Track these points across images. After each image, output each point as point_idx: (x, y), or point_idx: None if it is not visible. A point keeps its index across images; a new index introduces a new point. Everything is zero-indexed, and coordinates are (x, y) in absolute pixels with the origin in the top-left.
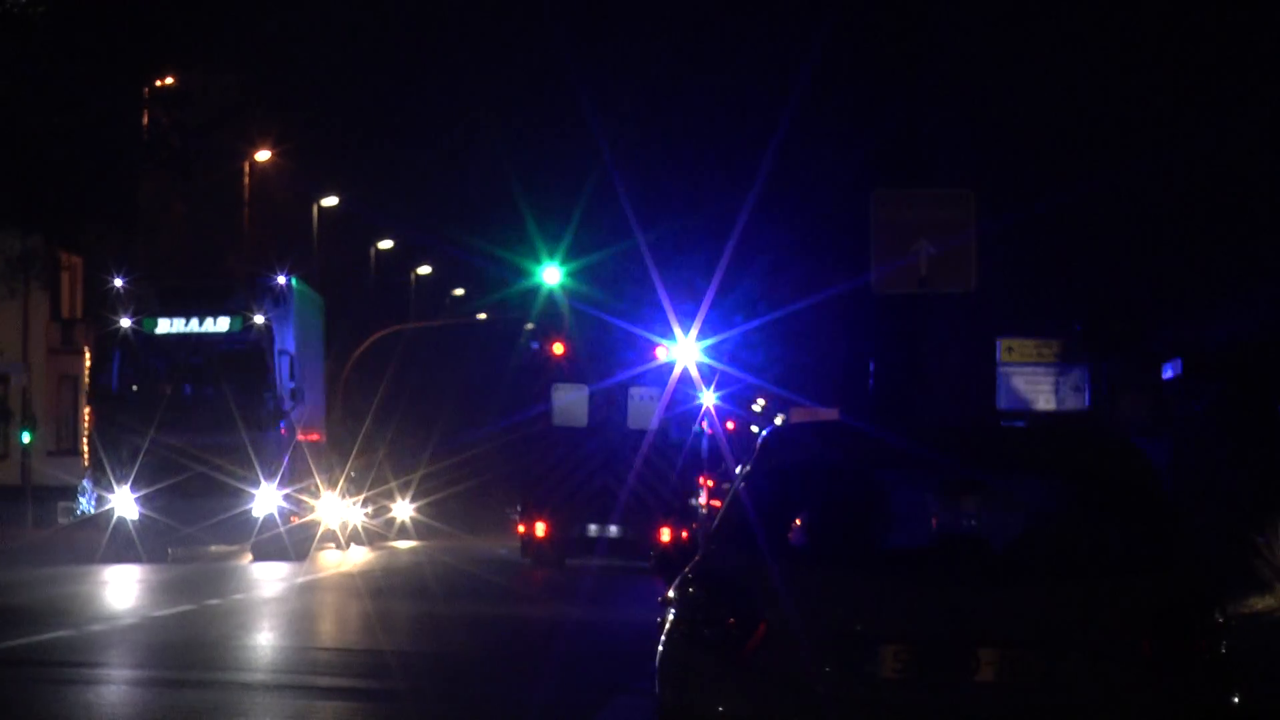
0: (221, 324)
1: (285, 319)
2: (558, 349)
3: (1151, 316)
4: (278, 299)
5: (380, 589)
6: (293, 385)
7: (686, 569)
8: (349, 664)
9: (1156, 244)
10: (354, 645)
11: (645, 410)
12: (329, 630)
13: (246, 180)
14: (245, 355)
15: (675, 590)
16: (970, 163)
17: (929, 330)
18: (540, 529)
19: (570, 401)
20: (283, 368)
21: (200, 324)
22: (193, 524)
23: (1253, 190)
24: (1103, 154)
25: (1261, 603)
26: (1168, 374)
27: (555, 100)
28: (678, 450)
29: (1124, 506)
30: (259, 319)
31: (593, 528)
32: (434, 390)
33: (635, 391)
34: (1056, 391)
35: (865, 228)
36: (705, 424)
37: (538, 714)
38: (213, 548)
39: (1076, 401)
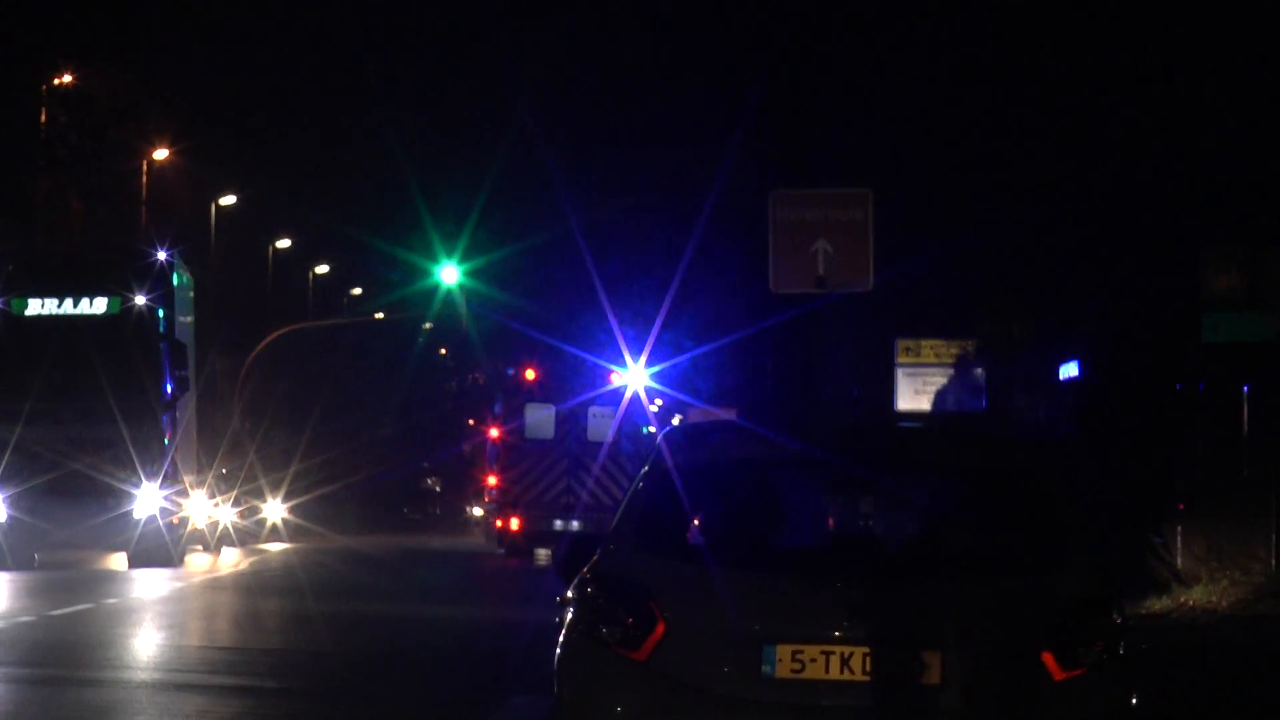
0: (99, 305)
1: (169, 300)
2: (529, 375)
3: (1049, 318)
4: (160, 278)
5: (264, 590)
6: (178, 373)
7: (585, 569)
8: (238, 663)
9: (1052, 245)
10: (243, 644)
11: (602, 425)
12: (218, 629)
13: (144, 179)
14: (125, 340)
15: (574, 590)
16: (868, 163)
17: (827, 331)
18: (514, 524)
19: (540, 418)
20: (167, 353)
21: (75, 305)
22: (66, 526)
23: (1153, 193)
24: (1003, 153)
25: (1159, 603)
26: (1065, 375)
27: (460, 104)
28: (631, 459)
29: (1021, 507)
30: (139, 299)
31: (558, 523)
32: (324, 389)
33: (594, 410)
34: (954, 392)
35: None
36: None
37: (431, 713)
38: (85, 552)
39: (974, 402)
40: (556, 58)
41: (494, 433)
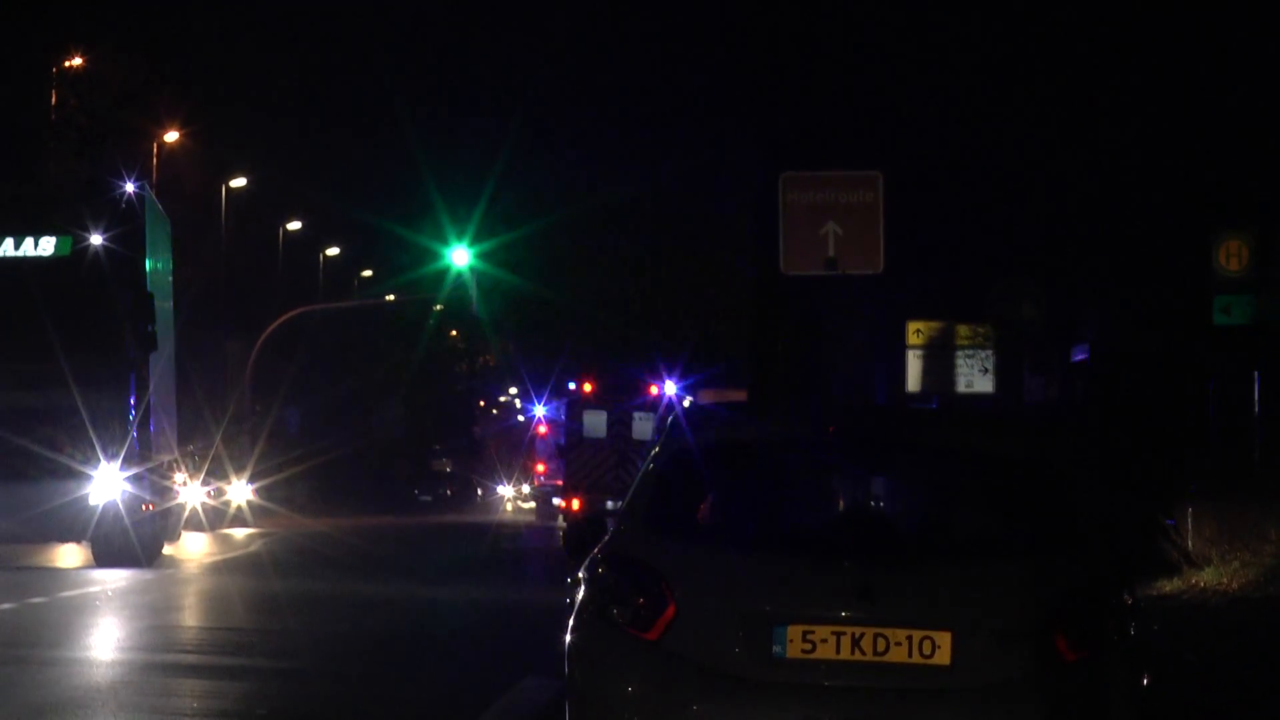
0: (45, 245)
1: (135, 241)
2: (587, 387)
3: (1060, 300)
4: (124, 214)
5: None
6: (143, 329)
7: (596, 550)
8: (246, 644)
9: (1064, 226)
10: (251, 625)
11: (645, 427)
12: (229, 611)
13: (154, 160)
14: (79, 288)
15: (585, 571)
16: (877, 144)
17: (837, 312)
18: (576, 504)
19: (595, 421)
20: (131, 305)
21: (17, 245)
22: (9, 515)
23: (1164, 174)
24: (1014, 135)
25: (1170, 585)
26: (1077, 358)
27: (471, 83)
28: None
29: (1031, 488)
30: (96, 239)
31: (610, 503)
32: (334, 371)
33: (638, 415)
34: (964, 374)
35: None
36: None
37: (444, 694)
38: (35, 547)
39: (984, 384)
40: (564, 41)
41: (542, 429)
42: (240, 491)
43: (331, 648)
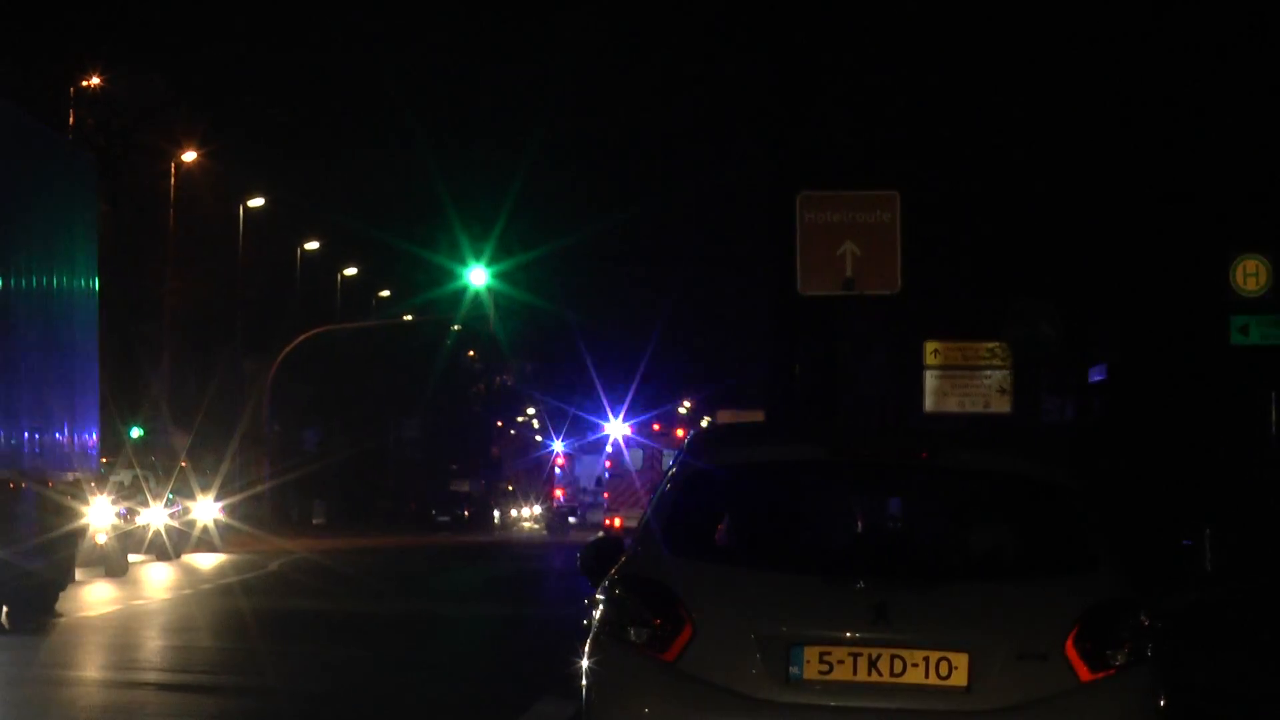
0: None
1: None
2: (628, 430)
3: (1079, 320)
4: None
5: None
6: None
7: (613, 570)
8: (256, 665)
9: (1081, 247)
10: (263, 646)
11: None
12: (225, 632)
13: (172, 181)
14: None
15: (602, 591)
16: (897, 163)
17: (854, 332)
18: (617, 522)
19: (635, 456)
20: None
21: None
22: None
23: (1182, 195)
24: (1032, 155)
25: (1188, 605)
26: (1095, 378)
27: (489, 105)
28: None
29: (1049, 509)
30: None
31: None
32: (351, 391)
33: (667, 451)
34: (982, 394)
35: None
36: None
37: (459, 714)
38: None
39: (1002, 404)
40: (581, 64)
41: (560, 461)
42: (206, 509)
43: (348, 668)
